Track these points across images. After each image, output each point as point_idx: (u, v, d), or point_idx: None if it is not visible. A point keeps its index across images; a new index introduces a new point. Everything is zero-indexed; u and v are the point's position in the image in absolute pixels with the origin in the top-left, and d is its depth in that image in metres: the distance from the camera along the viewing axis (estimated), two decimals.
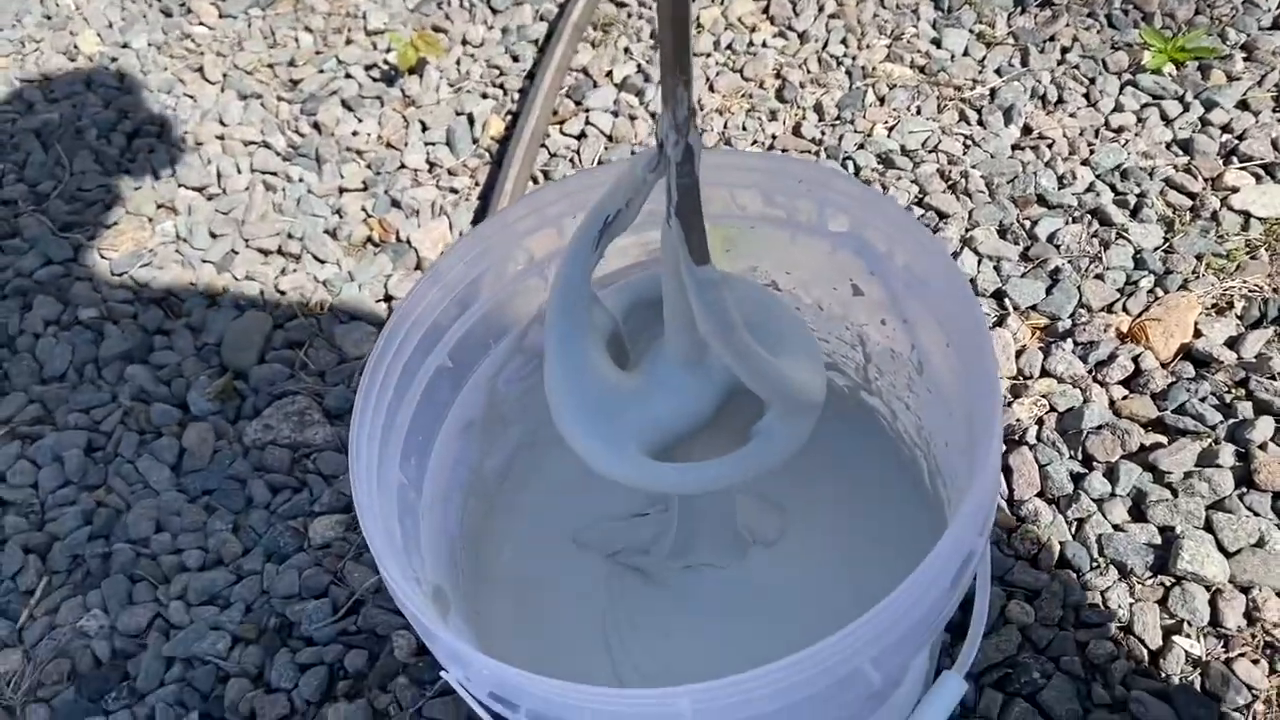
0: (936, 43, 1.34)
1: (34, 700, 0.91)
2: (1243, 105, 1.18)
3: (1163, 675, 0.80)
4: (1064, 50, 1.30)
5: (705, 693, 0.45)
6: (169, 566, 0.98)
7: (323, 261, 1.22)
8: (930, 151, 1.20)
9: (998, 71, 1.29)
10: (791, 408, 0.57)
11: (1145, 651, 0.81)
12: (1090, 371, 0.97)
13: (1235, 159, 1.12)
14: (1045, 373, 0.98)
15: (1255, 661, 0.79)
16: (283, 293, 1.20)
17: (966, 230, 1.11)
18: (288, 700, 0.88)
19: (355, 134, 1.36)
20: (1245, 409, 0.91)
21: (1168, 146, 1.16)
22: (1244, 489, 0.87)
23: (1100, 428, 0.92)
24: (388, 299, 1.18)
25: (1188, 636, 0.81)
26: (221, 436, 1.07)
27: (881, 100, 1.27)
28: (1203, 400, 0.93)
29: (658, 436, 0.58)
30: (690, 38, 0.47)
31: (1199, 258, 1.04)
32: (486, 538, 0.73)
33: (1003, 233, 1.10)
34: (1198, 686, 0.79)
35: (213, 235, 1.27)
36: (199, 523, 1.01)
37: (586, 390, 0.56)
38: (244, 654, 0.91)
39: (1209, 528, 0.85)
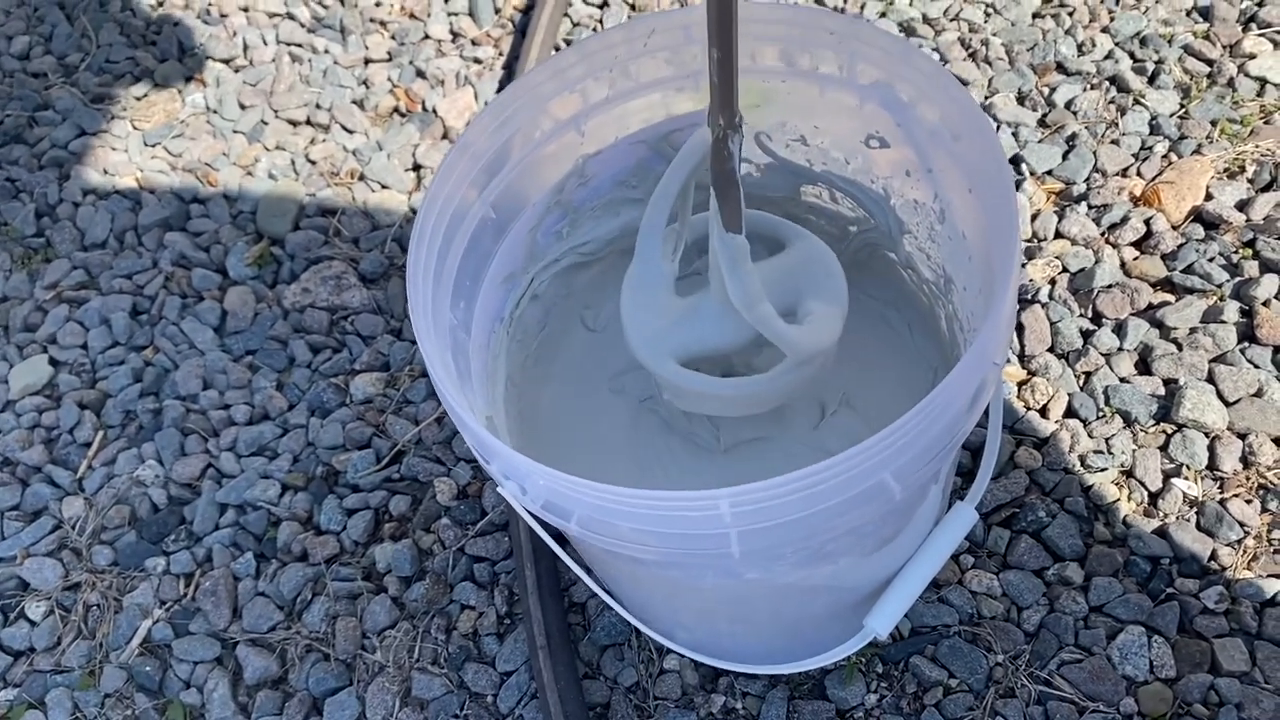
0: None
1: (98, 543, 0.97)
2: None
3: (1161, 514, 0.85)
4: None
5: (743, 494, 0.49)
6: (218, 420, 1.03)
7: (351, 131, 1.24)
8: (952, 20, 1.21)
9: None
10: (803, 359, 0.65)
11: (1145, 493, 0.86)
12: (1103, 233, 1.00)
13: (1255, 25, 1.13)
14: (1059, 234, 1.01)
15: (1249, 501, 0.84)
16: (313, 162, 1.22)
17: (986, 97, 1.12)
18: (337, 541, 0.94)
19: (378, 5, 1.36)
20: (1251, 268, 0.94)
21: (1188, 14, 1.16)
22: (1246, 343, 0.91)
23: (1110, 286, 0.96)
24: (416, 168, 1.20)
25: (1186, 479, 0.85)
26: (261, 300, 1.11)
27: None
28: (1210, 260, 0.96)
29: (688, 351, 0.67)
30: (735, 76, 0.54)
31: (1214, 123, 1.06)
32: (528, 380, 0.77)
33: (1021, 99, 1.12)
34: (1193, 524, 0.84)
35: (242, 106, 1.29)
36: (244, 380, 1.05)
37: (646, 305, 0.67)
38: (293, 500, 0.96)
39: (1211, 379, 0.89)
